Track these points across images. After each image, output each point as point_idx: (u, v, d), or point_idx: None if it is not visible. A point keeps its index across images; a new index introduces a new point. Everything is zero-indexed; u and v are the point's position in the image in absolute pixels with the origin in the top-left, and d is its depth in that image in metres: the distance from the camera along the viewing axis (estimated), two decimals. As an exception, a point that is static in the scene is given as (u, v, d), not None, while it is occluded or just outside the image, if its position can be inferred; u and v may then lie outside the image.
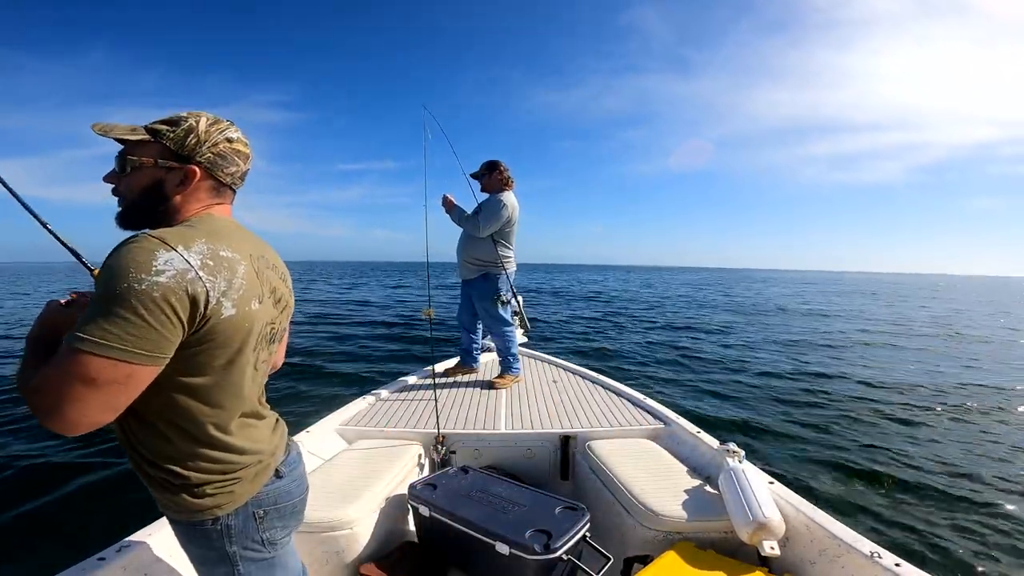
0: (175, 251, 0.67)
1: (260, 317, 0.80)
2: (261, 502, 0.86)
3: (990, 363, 8.20)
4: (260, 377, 0.89)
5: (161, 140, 0.77)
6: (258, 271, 0.80)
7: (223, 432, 0.80)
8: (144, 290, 0.63)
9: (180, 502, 0.78)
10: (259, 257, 0.83)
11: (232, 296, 0.73)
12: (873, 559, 1.26)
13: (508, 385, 2.91)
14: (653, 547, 1.54)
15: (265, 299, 0.81)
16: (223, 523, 0.82)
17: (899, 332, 11.88)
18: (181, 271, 0.66)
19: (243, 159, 0.86)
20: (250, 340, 0.78)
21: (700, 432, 2.13)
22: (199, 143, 0.79)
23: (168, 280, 0.64)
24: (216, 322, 0.71)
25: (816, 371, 6.97)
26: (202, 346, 0.72)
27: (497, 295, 2.97)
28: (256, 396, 0.89)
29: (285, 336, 1.05)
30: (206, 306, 0.69)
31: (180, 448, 0.77)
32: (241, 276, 0.75)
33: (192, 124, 0.79)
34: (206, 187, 0.81)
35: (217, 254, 0.72)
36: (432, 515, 1.67)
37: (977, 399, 5.76)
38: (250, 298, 0.76)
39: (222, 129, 0.82)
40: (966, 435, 4.53)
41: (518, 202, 2.98)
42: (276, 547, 0.91)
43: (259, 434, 0.88)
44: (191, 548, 0.86)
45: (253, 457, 0.85)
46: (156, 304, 0.63)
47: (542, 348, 4.21)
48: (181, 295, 0.66)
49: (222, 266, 0.72)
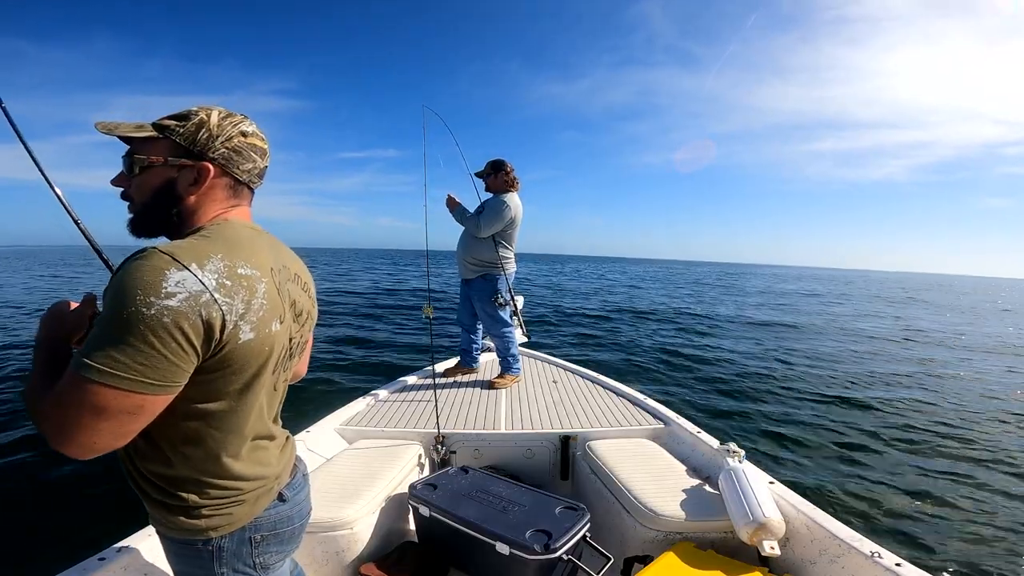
0: (187, 270, 0.61)
1: (281, 339, 0.75)
2: (259, 527, 0.81)
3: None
4: (279, 397, 0.85)
5: (170, 136, 0.72)
6: (279, 286, 0.75)
7: (232, 458, 0.75)
8: (154, 315, 0.58)
9: (174, 522, 0.74)
10: (280, 269, 0.77)
11: (251, 319, 0.67)
12: (873, 559, 1.25)
13: (508, 385, 2.91)
14: (653, 547, 1.54)
15: (286, 317, 0.76)
16: (215, 544, 0.76)
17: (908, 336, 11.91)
18: (195, 294, 0.61)
19: (260, 154, 0.80)
20: (269, 364, 0.74)
21: (700, 432, 2.13)
22: (211, 138, 0.73)
23: (180, 304, 0.59)
24: (233, 348, 0.66)
25: (816, 369, 6.98)
26: (217, 372, 0.67)
27: (496, 296, 2.97)
28: (272, 416, 0.84)
29: (308, 346, 0.98)
30: (222, 331, 0.63)
31: (183, 473, 0.72)
32: (261, 296, 0.69)
33: (203, 118, 0.73)
34: (222, 186, 0.76)
35: (235, 272, 0.66)
36: (432, 515, 1.67)
37: (974, 389, 5.77)
38: (270, 320, 0.71)
39: (236, 122, 0.76)
40: (967, 433, 4.53)
41: (522, 203, 2.96)
42: (269, 571, 0.84)
43: (268, 456, 0.83)
44: (177, 564, 0.81)
45: (258, 482, 0.80)
46: (167, 331, 0.59)
47: (542, 348, 4.20)
48: (195, 320, 0.60)
49: (240, 286, 0.66)
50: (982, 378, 7.05)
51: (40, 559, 2.33)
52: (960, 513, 3.05)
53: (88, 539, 2.09)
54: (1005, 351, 10.06)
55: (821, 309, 16.85)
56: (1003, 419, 5.09)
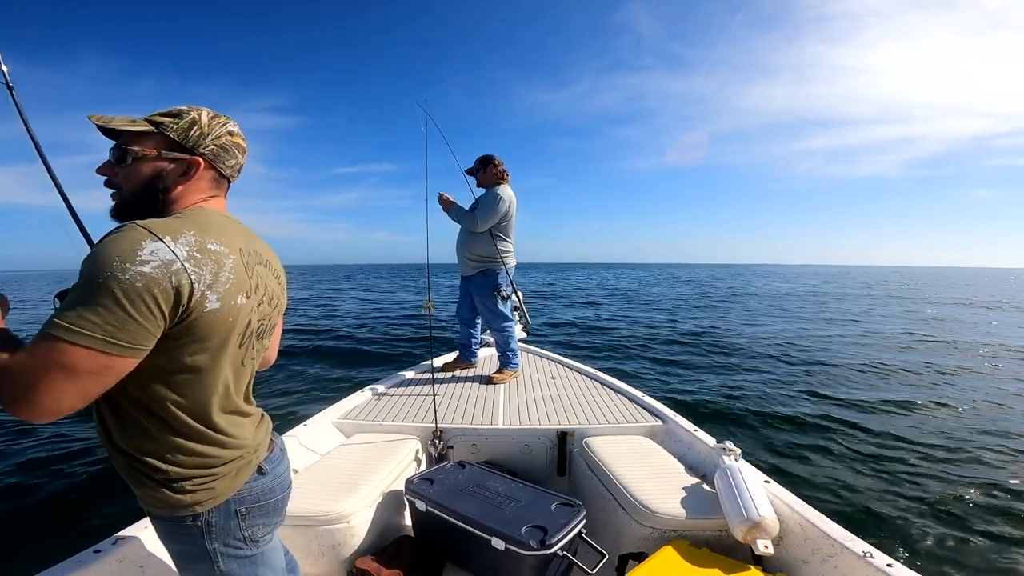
0: (161, 241, 0.67)
1: (246, 312, 0.79)
2: (243, 499, 0.86)
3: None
4: (247, 373, 0.89)
5: (164, 132, 0.78)
6: (247, 266, 0.80)
7: (204, 425, 0.80)
8: (127, 280, 0.63)
9: (160, 497, 0.78)
10: (250, 252, 0.83)
11: (217, 289, 0.72)
12: (865, 559, 1.26)
13: (506, 380, 2.92)
14: (648, 544, 1.55)
15: (253, 294, 0.81)
16: (203, 519, 0.81)
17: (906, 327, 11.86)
18: (167, 262, 0.66)
19: (241, 152, 0.88)
20: (233, 334, 0.78)
21: (697, 430, 2.14)
22: (203, 135, 0.80)
23: (152, 271, 0.64)
24: (199, 315, 0.70)
25: (817, 370, 6.99)
26: (184, 339, 0.71)
27: (497, 290, 2.97)
28: (242, 392, 0.89)
29: (277, 333, 1.05)
30: (190, 298, 0.68)
31: (159, 441, 0.76)
32: (228, 270, 0.75)
33: (195, 117, 0.80)
34: (207, 178, 0.83)
35: (204, 246, 0.72)
36: (429, 510, 1.68)
37: (975, 390, 5.78)
38: (236, 293, 0.76)
39: (223, 123, 0.84)
40: (970, 432, 4.55)
41: (515, 194, 2.97)
42: (259, 544, 0.90)
43: (242, 431, 0.87)
44: (172, 545, 0.85)
45: (234, 452, 0.84)
46: (139, 295, 0.63)
47: (541, 344, 4.20)
48: (165, 286, 0.65)
49: (209, 258, 0.72)
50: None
51: (34, 553, 2.34)
52: (951, 515, 3.06)
53: (83, 531, 2.10)
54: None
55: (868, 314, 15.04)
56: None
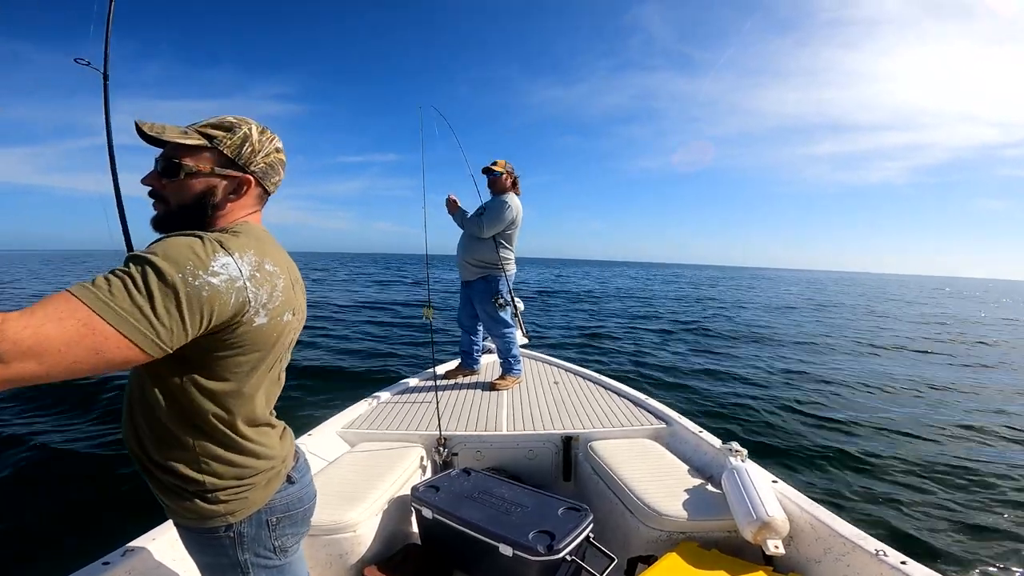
0: (231, 256, 0.68)
1: (290, 329, 0.81)
2: (274, 509, 0.86)
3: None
4: (278, 388, 0.90)
5: (217, 146, 0.76)
6: (293, 284, 0.82)
7: (242, 437, 0.80)
8: (196, 286, 0.62)
9: (193, 508, 0.77)
10: (293, 271, 0.85)
11: (269, 307, 0.74)
12: (879, 557, 1.25)
13: (509, 386, 2.91)
14: (657, 547, 1.54)
15: (299, 312, 0.84)
16: (236, 530, 0.81)
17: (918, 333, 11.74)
18: (233, 278, 0.67)
19: (283, 168, 0.88)
20: (275, 350, 0.79)
21: (702, 432, 2.13)
22: (254, 152, 0.80)
23: (220, 283, 0.65)
24: (248, 329, 0.72)
25: (817, 368, 6.97)
26: (228, 351, 0.72)
27: (497, 297, 2.98)
28: (272, 404, 0.89)
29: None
30: (243, 315, 0.70)
31: (197, 452, 0.76)
32: (280, 290, 0.76)
33: (247, 132, 0.79)
34: (254, 195, 0.83)
35: (263, 266, 0.74)
36: (435, 517, 1.67)
37: (984, 393, 5.74)
38: (284, 311, 0.78)
39: (271, 139, 0.83)
40: (972, 429, 4.52)
41: (521, 205, 3.01)
42: (287, 554, 0.90)
43: (272, 440, 0.88)
44: (200, 556, 0.85)
45: (268, 463, 0.84)
46: (200, 304, 0.63)
47: (542, 348, 4.20)
48: (226, 300, 0.66)
49: (266, 279, 0.73)
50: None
51: (42, 565, 2.33)
52: (967, 511, 3.04)
53: (93, 543, 2.07)
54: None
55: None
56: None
